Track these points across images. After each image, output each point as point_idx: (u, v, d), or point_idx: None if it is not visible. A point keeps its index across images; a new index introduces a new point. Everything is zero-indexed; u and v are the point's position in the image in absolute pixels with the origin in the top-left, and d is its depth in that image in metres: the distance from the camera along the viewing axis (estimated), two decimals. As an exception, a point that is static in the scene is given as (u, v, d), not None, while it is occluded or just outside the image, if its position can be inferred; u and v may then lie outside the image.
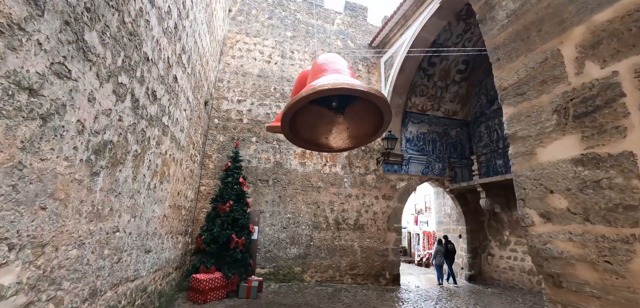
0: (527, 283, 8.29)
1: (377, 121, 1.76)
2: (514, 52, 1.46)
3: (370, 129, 1.85)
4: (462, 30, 8.86)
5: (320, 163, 9.53)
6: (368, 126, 1.84)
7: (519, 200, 1.40)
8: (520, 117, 1.40)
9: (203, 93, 7.55)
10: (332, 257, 8.83)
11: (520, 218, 1.44)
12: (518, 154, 1.40)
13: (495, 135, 9.80)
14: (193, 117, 6.68)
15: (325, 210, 9.19)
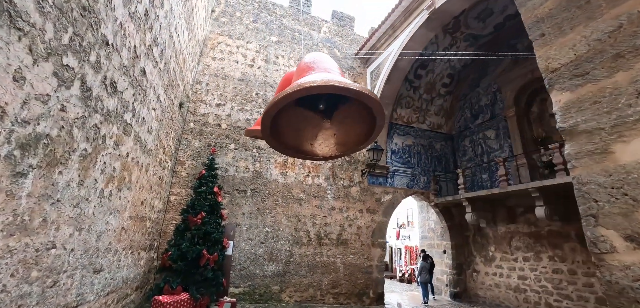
0: (513, 301, 8.18)
1: (368, 128, 1.63)
2: (567, 23, 1.19)
3: (359, 136, 1.71)
4: (448, 44, 8.92)
5: (303, 174, 9.13)
6: (357, 133, 1.71)
7: (588, 216, 1.08)
8: (583, 105, 1.10)
9: (178, 94, 7.01)
10: (313, 274, 8.36)
11: (590, 242, 1.11)
12: (582, 154, 1.10)
13: (479, 149, 9.85)
14: (164, 118, 6.12)
15: (307, 224, 8.75)
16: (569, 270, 6.94)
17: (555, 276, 7.20)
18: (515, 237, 8.41)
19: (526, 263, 7.97)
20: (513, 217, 8.54)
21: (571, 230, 6.99)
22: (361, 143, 1.70)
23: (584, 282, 6.61)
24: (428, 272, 10.59)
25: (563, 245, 7.13)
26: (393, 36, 8.79)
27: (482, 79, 9.93)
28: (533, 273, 7.74)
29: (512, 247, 8.46)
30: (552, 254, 7.35)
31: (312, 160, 2.20)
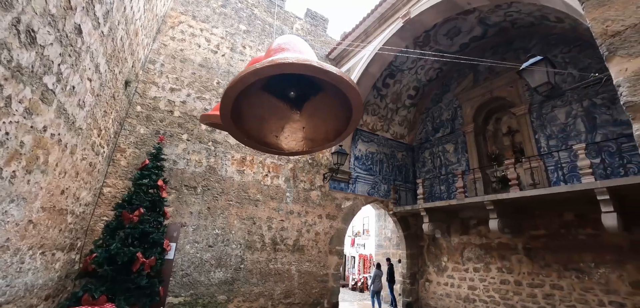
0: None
1: (340, 124, 1.53)
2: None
3: (329, 133, 1.61)
4: (417, 57, 9.21)
5: (262, 173, 8.62)
6: (328, 128, 1.60)
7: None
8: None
9: (125, 69, 6.08)
10: (265, 282, 7.86)
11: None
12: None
13: (438, 162, 10.29)
14: (104, 94, 5.22)
15: (262, 228, 8.25)
16: (515, 281, 7.46)
17: (503, 287, 7.70)
18: (467, 248, 8.87)
19: (476, 273, 8.43)
20: (466, 229, 9.01)
21: (519, 242, 7.55)
22: (331, 140, 1.60)
23: (528, 292, 7.15)
24: (381, 281, 10.77)
25: (511, 257, 7.66)
26: (366, 41, 8.83)
27: (444, 94, 10.45)
28: (482, 284, 8.19)
29: (464, 257, 8.90)
30: (500, 265, 7.86)
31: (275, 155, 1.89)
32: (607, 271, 5.93)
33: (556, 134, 7.12)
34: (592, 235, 6.24)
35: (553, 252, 6.85)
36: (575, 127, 6.78)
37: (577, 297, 6.26)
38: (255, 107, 1.53)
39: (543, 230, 7.11)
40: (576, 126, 6.75)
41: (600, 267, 6.02)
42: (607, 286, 5.88)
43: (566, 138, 6.89)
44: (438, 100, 10.64)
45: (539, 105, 7.60)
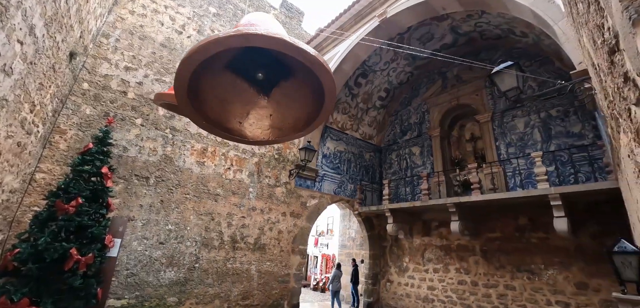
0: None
1: (311, 113, 1.44)
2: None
3: (299, 122, 1.52)
4: (390, 59, 9.36)
5: (224, 166, 8.09)
6: (297, 117, 1.52)
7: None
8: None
9: (70, 39, 5.26)
10: (221, 283, 7.39)
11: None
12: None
13: (404, 164, 10.52)
14: (40, 64, 4.43)
15: (221, 224, 7.74)
16: (471, 282, 7.82)
17: (460, 287, 8.04)
18: (428, 249, 9.15)
19: (436, 274, 8.72)
20: (428, 230, 9.29)
21: (477, 244, 7.94)
22: (299, 130, 1.51)
23: (484, 292, 7.53)
24: (340, 281, 10.85)
25: (469, 259, 8.03)
26: (341, 38, 8.71)
27: (414, 98, 10.71)
28: (441, 284, 8.49)
29: (424, 258, 9.16)
30: (459, 266, 8.20)
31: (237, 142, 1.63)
32: (555, 272, 6.43)
33: (515, 142, 7.60)
34: (543, 239, 6.73)
35: (507, 254, 7.29)
36: (532, 136, 7.28)
37: (527, 297, 6.72)
38: (218, 87, 1.38)
39: (499, 233, 7.55)
40: (533, 135, 7.26)
41: (549, 268, 6.52)
42: (554, 286, 6.37)
43: (524, 146, 7.38)
44: (407, 104, 10.89)
45: (500, 114, 8.07)
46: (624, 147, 2.34)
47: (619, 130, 2.51)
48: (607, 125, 3.40)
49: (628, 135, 1.94)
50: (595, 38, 1.96)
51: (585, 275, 5.98)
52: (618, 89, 1.73)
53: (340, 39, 8.56)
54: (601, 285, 5.72)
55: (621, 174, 3.77)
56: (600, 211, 5.90)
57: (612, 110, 2.48)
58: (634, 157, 1.97)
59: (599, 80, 2.64)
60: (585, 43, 2.68)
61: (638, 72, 1.06)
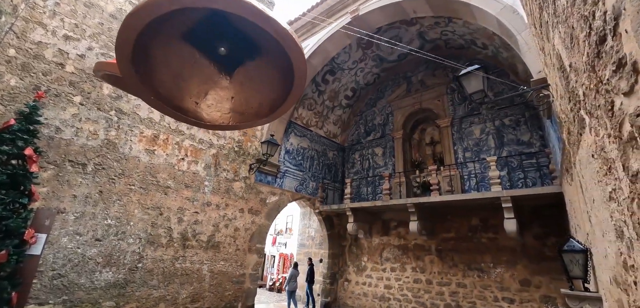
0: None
1: (277, 98, 1.35)
2: None
3: (264, 106, 1.41)
4: (359, 59, 9.39)
5: (177, 156, 7.41)
6: (263, 101, 1.41)
7: None
8: None
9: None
10: (168, 284, 6.74)
11: None
12: None
13: (367, 164, 10.65)
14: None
15: (171, 220, 7.07)
16: (426, 280, 8.13)
17: (415, 285, 8.31)
18: (386, 249, 9.33)
19: (393, 273, 8.92)
20: (387, 230, 9.49)
21: (433, 244, 8.27)
22: (263, 116, 1.41)
23: (437, 290, 7.86)
24: (296, 281, 10.70)
25: (425, 258, 8.33)
26: (311, 32, 8.52)
27: (379, 100, 10.91)
28: (397, 283, 8.70)
29: (382, 258, 9.33)
30: (415, 265, 8.48)
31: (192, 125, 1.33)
32: (502, 271, 6.92)
33: (471, 147, 8.08)
34: (492, 239, 7.23)
35: (460, 253, 7.70)
36: (487, 142, 7.80)
37: (477, 294, 7.15)
38: (172, 59, 1.22)
39: (454, 233, 7.95)
40: (488, 142, 7.78)
41: (497, 267, 7.01)
42: (501, 284, 6.86)
43: (479, 151, 7.88)
44: (372, 105, 11.06)
45: (459, 121, 8.54)
46: (587, 147, 2.45)
47: (580, 132, 2.64)
48: (562, 130, 3.61)
49: (600, 132, 2.00)
50: (575, 34, 1.99)
51: (528, 272, 6.53)
52: (599, 82, 1.76)
53: (311, 32, 8.37)
54: (542, 282, 6.29)
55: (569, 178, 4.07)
56: (542, 214, 6.50)
57: (577, 112, 2.60)
58: (604, 154, 2.03)
59: (565, 84, 2.77)
60: (553, 47, 2.79)
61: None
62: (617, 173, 1.87)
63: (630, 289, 2.14)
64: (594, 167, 2.41)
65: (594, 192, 2.57)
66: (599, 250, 2.90)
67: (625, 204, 1.84)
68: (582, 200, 3.37)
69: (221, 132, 8.36)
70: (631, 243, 1.88)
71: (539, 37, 3.64)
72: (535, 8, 3.32)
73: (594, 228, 2.92)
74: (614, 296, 2.67)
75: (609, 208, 2.23)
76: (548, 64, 3.55)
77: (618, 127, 1.71)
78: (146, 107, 7.09)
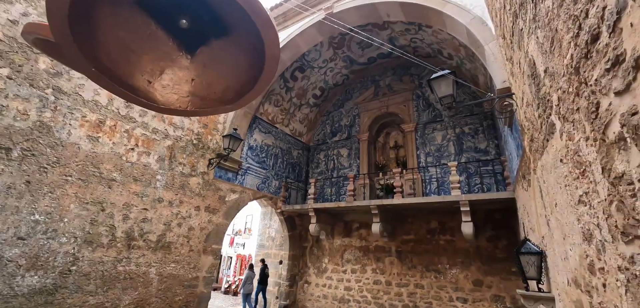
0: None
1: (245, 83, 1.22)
2: None
3: (229, 92, 1.27)
4: (329, 58, 9.31)
5: (126, 145, 6.64)
6: (228, 86, 1.26)
7: None
8: None
9: None
10: (108, 290, 6.00)
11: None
12: None
13: (331, 164, 10.59)
14: None
15: (115, 217, 6.31)
16: (386, 281, 8.24)
17: (375, 287, 8.39)
18: (348, 250, 9.32)
19: (353, 275, 8.93)
20: (349, 231, 9.49)
21: (393, 246, 8.43)
22: (228, 103, 1.29)
23: (396, 291, 8.01)
24: (252, 283, 10.42)
25: (385, 259, 8.46)
26: (283, 25, 8.24)
27: (346, 101, 10.94)
28: (357, 285, 8.72)
29: (343, 259, 9.31)
30: (375, 267, 8.57)
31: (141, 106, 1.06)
32: (457, 272, 7.25)
33: (433, 152, 8.41)
34: (449, 241, 7.56)
35: (419, 255, 7.94)
36: (448, 148, 8.16)
37: (433, 294, 7.40)
38: (122, 27, 1.07)
39: (413, 236, 8.19)
40: (448, 148, 8.15)
41: (453, 268, 7.33)
42: (456, 284, 7.17)
43: (440, 157, 8.22)
44: (340, 106, 11.05)
45: (423, 126, 8.85)
46: (555, 152, 2.53)
47: (548, 138, 2.74)
48: (524, 137, 3.76)
49: (575, 136, 2.04)
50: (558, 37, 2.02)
51: (481, 273, 6.92)
52: (582, 84, 1.77)
53: (283, 26, 8.08)
54: (493, 282, 6.69)
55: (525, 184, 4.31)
56: (494, 218, 6.96)
57: (546, 118, 2.68)
58: (578, 158, 2.07)
59: (535, 91, 2.86)
60: (526, 54, 2.88)
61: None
62: (593, 177, 1.90)
63: (594, 291, 2.22)
64: (562, 171, 2.49)
65: (558, 196, 2.67)
66: (556, 253, 3.05)
67: (600, 207, 1.87)
68: (539, 205, 3.54)
69: (179, 123, 7.69)
70: (603, 246, 1.92)
71: (508, 47, 3.79)
72: (508, 17, 3.44)
73: (553, 232, 3.06)
74: (571, 297, 2.80)
75: (577, 211, 2.30)
76: (515, 73, 3.71)
77: (602, 129, 1.71)
78: (92, 88, 6.26)
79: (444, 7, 5.30)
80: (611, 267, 1.79)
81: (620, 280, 1.70)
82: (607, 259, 1.82)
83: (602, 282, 1.96)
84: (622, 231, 1.60)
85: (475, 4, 4.77)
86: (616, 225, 1.68)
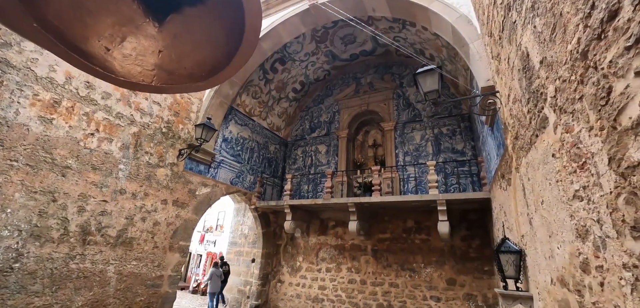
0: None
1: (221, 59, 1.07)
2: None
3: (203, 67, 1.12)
4: (311, 51, 9.08)
5: (84, 130, 6.00)
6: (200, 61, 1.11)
7: None
8: None
9: None
10: (57, 290, 5.38)
11: None
12: None
13: (309, 161, 10.35)
14: None
15: (68, 209, 5.68)
16: (361, 280, 8.13)
17: (350, 286, 8.25)
18: (323, 249, 9.12)
19: (328, 273, 8.74)
20: (324, 229, 9.29)
21: (369, 244, 8.34)
22: (200, 80, 1.17)
23: (371, 291, 7.91)
24: (219, 279, 10.14)
25: (360, 258, 8.35)
26: (265, 13, 7.88)
27: (327, 97, 10.75)
28: (332, 284, 8.54)
29: (318, 258, 9.09)
30: (350, 266, 8.44)
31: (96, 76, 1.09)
32: (431, 270, 7.28)
33: (411, 151, 8.42)
34: (425, 240, 7.59)
35: (394, 254, 7.91)
36: (426, 148, 8.21)
37: (408, 293, 7.39)
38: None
39: (389, 234, 8.15)
40: (427, 148, 8.20)
41: (428, 267, 7.35)
42: (430, 283, 7.20)
43: (418, 156, 8.25)
44: (320, 102, 10.85)
45: (402, 125, 8.86)
46: (546, 147, 2.46)
47: (538, 133, 2.67)
48: (506, 135, 3.72)
49: (574, 128, 1.95)
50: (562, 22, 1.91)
51: (454, 272, 6.99)
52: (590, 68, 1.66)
53: (264, 13, 7.70)
54: (466, 281, 6.78)
55: (504, 184, 4.30)
56: (468, 218, 7.07)
57: (537, 112, 2.61)
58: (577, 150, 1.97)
59: (526, 85, 2.79)
60: (518, 47, 2.80)
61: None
62: (596, 169, 1.79)
63: (587, 290, 2.13)
64: (553, 166, 2.40)
65: (546, 193, 2.60)
66: (539, 251, 3.00)
67: (603, 201, 1.76)
68: (521, 204, 3.51)
69: (147, 109, 7.10)
70: (603, 242, 1.81)
71: (495, 44, 3.73)
72: (498, 12, 3.36)
73: (536, 230, 3.01)
74: (554, 296, 2.74)
75: (570, 207, 2.21)
76: (501, 70, 3.66)
77: (614, 116, 1.58)
78: (46, 64, 5.58)
79: (431, 4, 5.25)
80: (613, 264, 1.68)
81: (625, 278, 1.58)
82: (609, 256, 1.72)
83: (599, 281, 1.86)
84: (633, 225, 1.48)
85: (462, 3, 4.76)
86: (623, 220, 1.57)
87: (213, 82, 1.15)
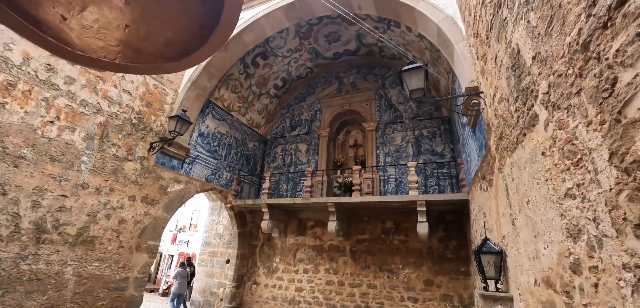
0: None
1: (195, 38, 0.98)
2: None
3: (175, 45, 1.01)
4: (294, 48, 8.86)
5: (43, 117, 5.45)
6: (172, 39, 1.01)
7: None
8: None
9: None
10: (5, 293, 4.85)
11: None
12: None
13: (289, 159, 10.10)
14: None
15: (21, 204, 5.12)
16: (338, 282, 7.99)
17: (327, 287, 8.08)
18: (300, 249, 8.90)
19: (305, 275, 8.52)
20: (303, 230, 9.07)
21: (348, 245, 8.22)
22: (170, 60, 1.02)
23: (348, 292, 7.79)
24: (185, 280, 9.82)
25: (338, 259, 8.20)
26: (248, 4, 7.56)
27: (309, 95, 10.56)
28: (309, 285, 8.34)
29: (296, 259, 8.85)
30: (328, 267, 8.27)
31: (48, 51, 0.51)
32: (409, 272, 7.27)
33: (392, 152, 8.42)
34: (403, 241, 7.58)
35: (373, 255, 7.84)
36: (406, 149, 8.23)
37: (385, 294, 7.33)
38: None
39: (368, 235, 8.08)
40: (407, 149, 8.22)
41: (405, 268, 7.34)
42: (408, 284, 7.19)
43: (399, 157, 8.26)
44: (302, 100, 10.64)
45: (384, 126, 8.85)
46: (534, 146, 2.41)
47: (525, 132, 2.63)
48: (490, 136, 3.69)
49: (569, 124, 1.88)
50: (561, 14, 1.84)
51: (431, 273, 7.02)
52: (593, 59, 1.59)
53: (248, 5, 7.41)
54: (443, 281, 6.82)
55: (485, 185, 4.30)
56: (446, 219, 7.13)
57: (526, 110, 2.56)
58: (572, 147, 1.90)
59: (515, 83, 2.75)
60: (508, 44, 2.75)
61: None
62: (593, 165, 1.72)
63: (576, 292, 2.06)
64: (542, 165, 2.35)
65: (533, 193, 2.55)
66: (522, 252, 2.96)
67: (600, 199, 1.69)
68: (503, 204, 3.48)
69: (116, 97, 6.58)
70: (599, 242, 1.74)
71: (481, 44, 3.71)
72: (487, 11, 3.32)
73: (519, 231, 2.98)
74: (538, 298, 2.70)
75: (561, 207, 2.16)
76: (486, 71, 3.64)
77: (618, 108, 1.50)
78: (1, 42, 4.98)
79: (417, 4, 5.23)
80: (610, 265, 1.61)
81: (625, 279, 1.50)
82: (605, 257, 1.64)
83: (593, 282, 1.79)
84: (637, 223, 1.41)
85: (448, 4, 4.76)
86: (624, 218, 1.49)
87: (186, 63, 1.04)
